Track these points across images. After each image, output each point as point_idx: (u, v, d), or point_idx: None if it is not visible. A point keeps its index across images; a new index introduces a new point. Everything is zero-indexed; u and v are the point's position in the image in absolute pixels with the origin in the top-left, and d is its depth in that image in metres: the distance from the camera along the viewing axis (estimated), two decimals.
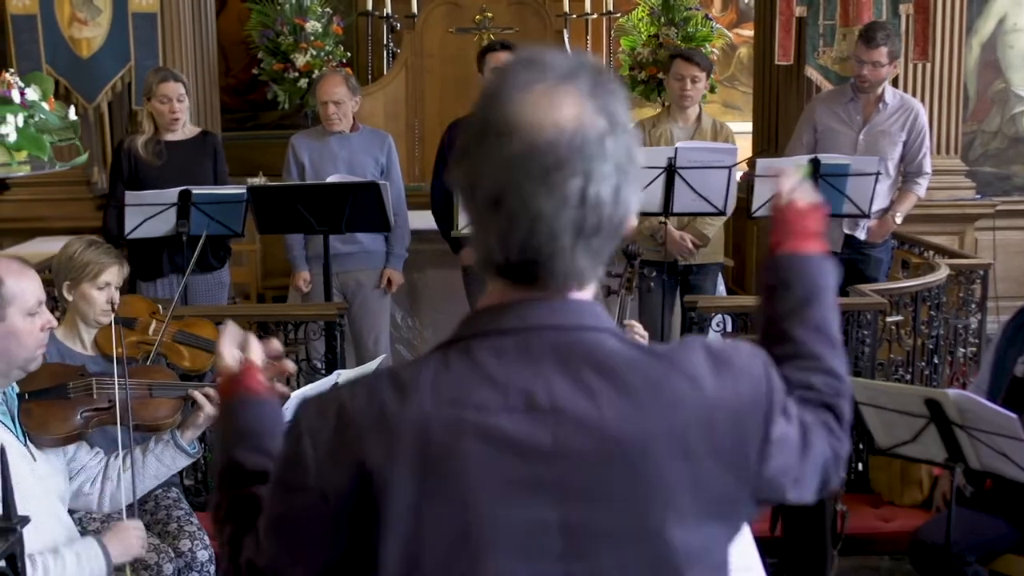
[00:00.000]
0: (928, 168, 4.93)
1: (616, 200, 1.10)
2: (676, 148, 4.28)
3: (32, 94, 3.11)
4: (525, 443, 1.09)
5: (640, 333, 2.89)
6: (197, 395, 2.85)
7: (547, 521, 1.10)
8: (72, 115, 3.36)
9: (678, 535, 1.11)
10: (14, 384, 2.55)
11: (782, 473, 1.19)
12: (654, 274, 3.82)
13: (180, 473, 4.10)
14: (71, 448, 2.70)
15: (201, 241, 4.07)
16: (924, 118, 4.94)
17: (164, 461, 2.81)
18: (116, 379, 2.71)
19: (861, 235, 4.88)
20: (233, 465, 1.34)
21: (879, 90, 4.84)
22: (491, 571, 1.10)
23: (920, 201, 5.04)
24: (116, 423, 2.69)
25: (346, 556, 1.13)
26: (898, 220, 4.89)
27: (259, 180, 6.00)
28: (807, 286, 1.36)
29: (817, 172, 4.35)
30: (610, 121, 1.10)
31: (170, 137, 4.65)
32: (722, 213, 4.40)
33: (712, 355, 1.16)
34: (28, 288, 2.41)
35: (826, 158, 4.43)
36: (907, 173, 4.84)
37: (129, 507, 2.71)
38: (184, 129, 4.71)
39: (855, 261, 4.87)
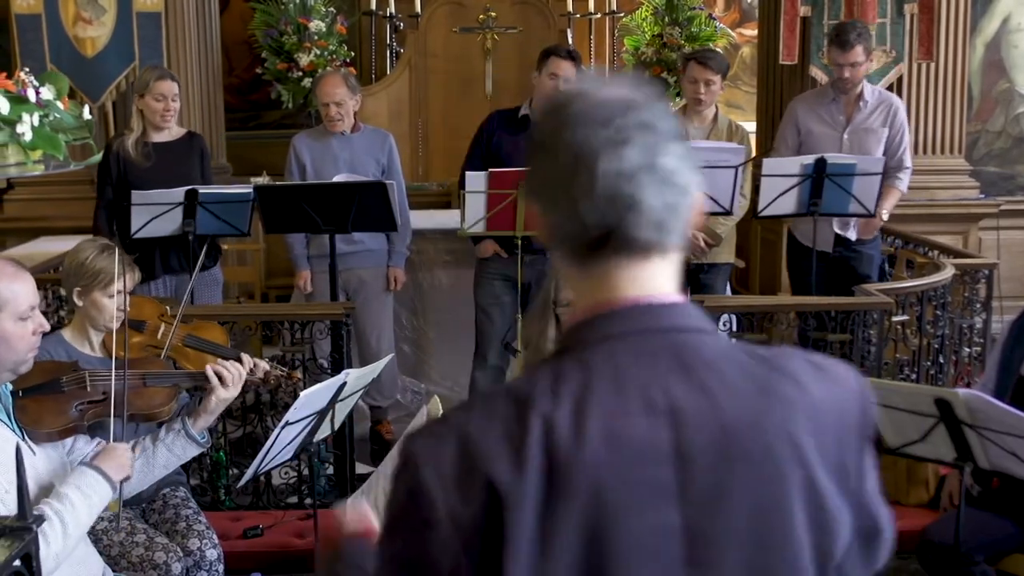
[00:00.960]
0: (908, 162, 4.93)
1: (681, 172, 1.12)
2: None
3: (47, 93, 3.11)
4: (646, 446, 1.08)
5: None
6: (210, 371, 2.84)
7: (672, 526, 1.08)
8: (87, 114, 3.36)
9: (798, 544, 1.10)
10: (7, 383, 2.55)
11: (876, 497, 1.17)
12: None
13: (187, 472, 4.13)
14: (69, 441, 2.70)
15: (204, 246, 4.07)
16: (903, 112, 4.95)
17: (175, 451, 2.81)
18: (112, 371, 2.71)
19: (852, 235, 4.89)
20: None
21: (858, 89, 4.84)
22: None
23: (904, 196, 5.03)
24: (111, 414, 2.69)
25: None
26: (884, 216, 4.87)
27: (263, 180, 6.02)
28: None
29: (824, 172, 4.36)
30: (663, 104, 1.14)
31: (157, 138, 4.67)
32: (728, 212, 4.40)
33: (811, 362, 1.16)
34: (21, 292, 2.40)
35: (832, 158, 4.44)
36: (888, 168, 4.83)
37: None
38: (172, 130, 4.73)
39: (847, 259, 4.89)
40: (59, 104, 3.19)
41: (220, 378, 2.86)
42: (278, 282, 6.58)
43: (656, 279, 1.15)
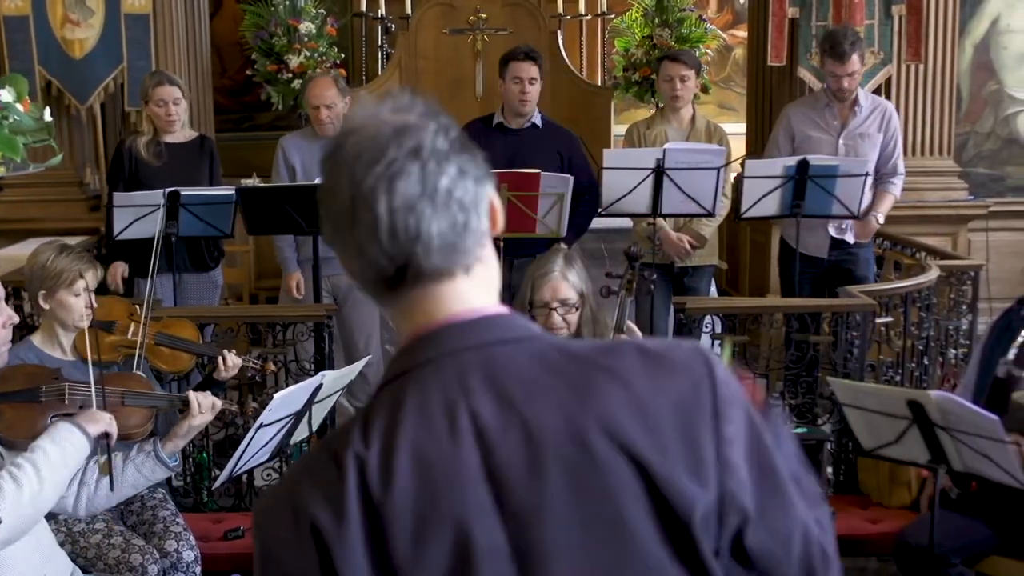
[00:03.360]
0: (902, 168, 4.93)
1: (463, 189, 1.10)
2: (664, 149, 4.28)
3: (6, 96, 3.11)
4: (457, 470, 1.07)
5: (632, 329, 2.90)
6: (192, 398, 2.84)
7: (497, 547, 1.06)
8: (47, 116, 3.36)
9: (641, 531, 1.07)
10: None
11: (742, 488, 1.10)
12: (654, 276, 3.83)
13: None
14: None
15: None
16: (896, 118, 4.96)
17: (143, 472, 2.80)
18: (91, 385, 2.70)
19: (850, 238, 4.88)
20: None
21: (853, 94, 4.84)
22: None
23: (898, 201, 5.04)
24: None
25: None
26: (880, 220, 4.88)
27: (254, 181, 6.01)
28: None
29: (806, 174, 4.36)
30: (434, 121, 1.11)
31: (169, 139, 4.72)
32: (710, 214, 4.41)
33: (645, 354, 1.12)
34: None
35: (815, 159, 4.43)
36: (882, 174, 4.84)
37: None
38: (183, 132, 4.76)
39: (843, 262, 4.89)
40: (19, 107, 3.19)
41: (201, 407, 2.86)
42: (268, 283, 6.58)
43: (463, 297, 1.14)
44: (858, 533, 3.84)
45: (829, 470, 4.20)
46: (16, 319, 2.54)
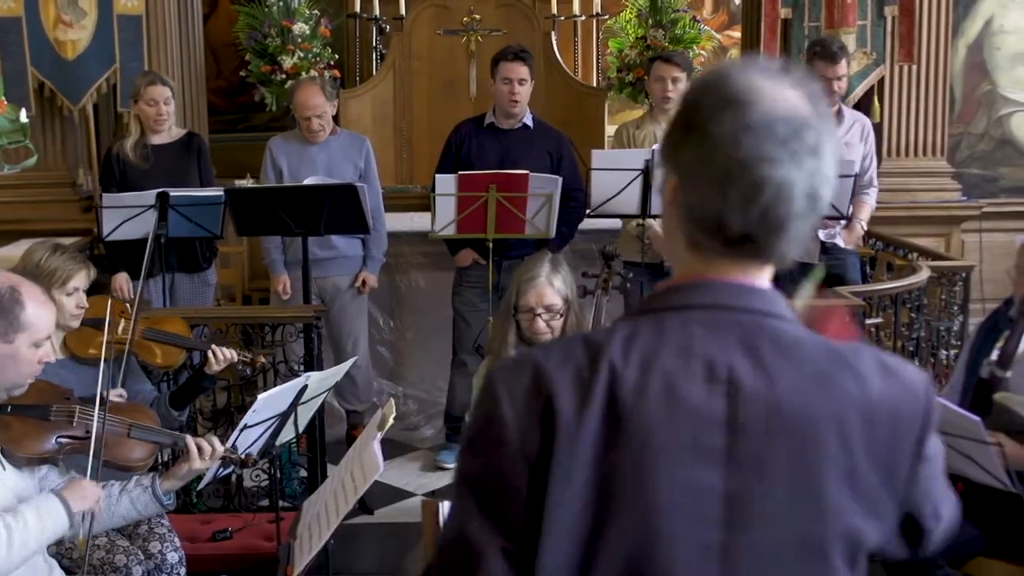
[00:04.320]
0: (876, 181, 5.08)
1: (827, 194, 1.19)
2: (653, 150, 4.28)
3: None
4: (702, 410, 1.16)
5: None
6: (190, 443, 2.81)
7: (713, 487, 1.16)
8: (23, 118, 3.36)
9: (831, 520, 1.17)
10: None
11: (926, 496, 1.26)
12: (631, 275, 3.83)
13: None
14: (44, 468, 2.71)
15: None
16: (873, 132, 5.09)
17: (137, 506, 2.77)
18: (96, 413, 2.68)
19: (840, 242, 4.92)
20: None
21: (836, 105, 4.91)
22: (658, 527, 1.15)
23: (888, 205, 5.15)
24: (88, 453, 2.67)
25: (527, 511, 1.17)
26: (864, 226, 5.02)
27: (247, 182, 6.02)
28: None
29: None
30: (828, 121, 1.19)
31: (156, 140, 4.75)
32: None
33: (881, 362, 1.22)
34: (44, 319, 2.44)
35: None
36: (859, 185, 4.89)
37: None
38: (170, 131, 4.78)
39: (834, 266, 4.92)
40: None
41: (201, 451, 2.83)
42: (262, 284, 6.56)
43: (754, 272, 1.22)
44: None
45: None
46: (52, 359, 2.56)
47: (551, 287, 3.03)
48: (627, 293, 4.80)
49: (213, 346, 3.29)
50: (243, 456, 2.96)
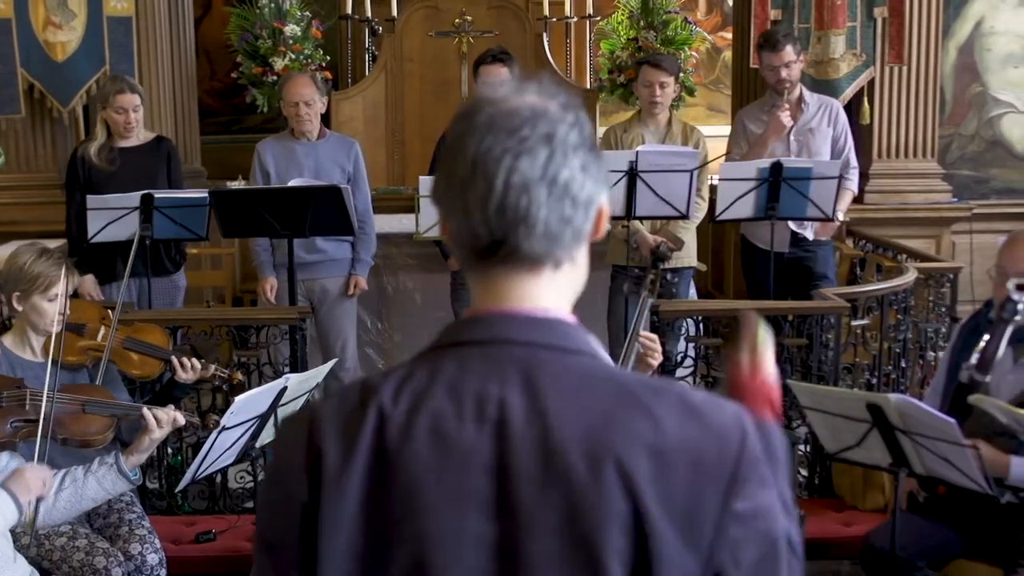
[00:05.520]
0: (854, 162, 4.99)
1: (580, 185, 1.13)
2: (637, 152, 4.29)
3: None
4: (470, 453, 1.09)
5: (654, 347, 2.75)
6: (148, 415, 2.85)
7: (483, 536, 1.08)
8: None
9: (610, 569, 1.06)
10: None
11: (735, 564, 1.09)
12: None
13: (144, 475, 4.12)
14: (4, 457, 2.72)
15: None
16: (844, 113, 5.04)
17: (104, 485, 2.82)
18: (52, 391, 2.72)
19: (809, 235, 4.91)
20: None
21: (796, 91, 4.90)
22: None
23: (876, 200, 5.10)
24: (45, 435, 2.70)
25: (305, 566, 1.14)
26: (840, 217, 4.94)
27: (239, 183, 6.02)
28: None
29: (780, 176, 4.36)
30: (573, 114, 1.14)
31: (124, 143, 4.73)
32: (684, 216, 4.40)
33: (687, 403, 1.11)
34: None
35: (788, 162, 4.44)
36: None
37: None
38: (139, 135, 4.76)
39: (803, 259, 4.93)
40: None
41: (159, 422, 2.88)
42: (253, 286, 6.56)
43: (540, 294, 1.16)
44: (831, 536, 3.84)
45: (804, 472, 4.20)
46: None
47: None
48: (614, 295, 4.81)
49: (183, 357, 3.30)
50: (200, 419, 3.04)
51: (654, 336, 2.79)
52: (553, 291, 1.16)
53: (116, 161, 4.67)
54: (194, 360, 3.26)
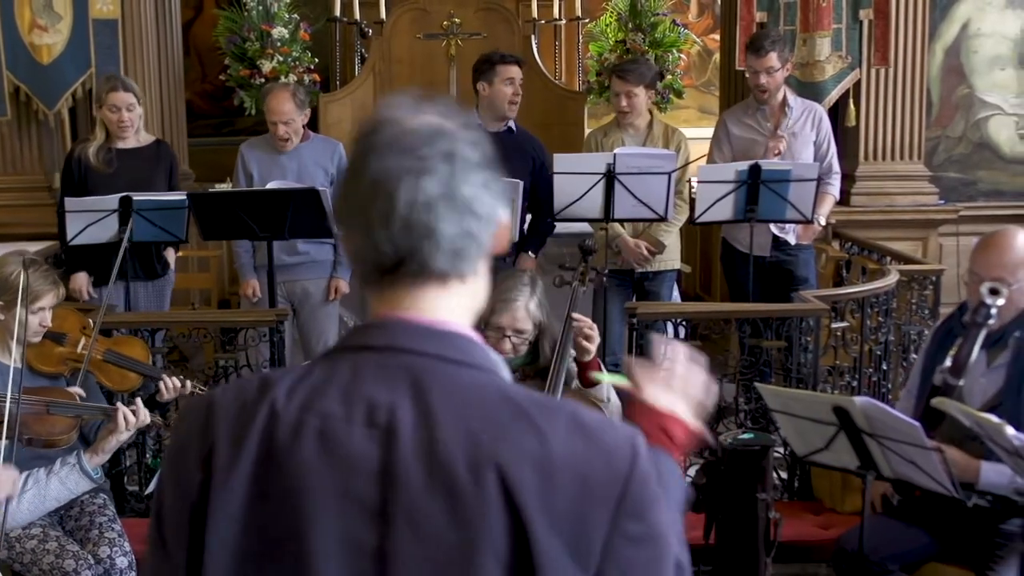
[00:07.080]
0: (837, 167, 4.99)
1: (482, 201, 1.15)
2: (615, 154, 4.29)
3: None
4: (357, 457, 1.10)
5: (588, 326, 2.91)
6: (120, 414, 2.86)
7: (364, 543, 1.09)
8: None
9: None
10: None
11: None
12: (606, 271, 3.84)
13: (122, 478, 4.13)
14: None
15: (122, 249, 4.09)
16: (827, 118, 5.03)
17: (67, 484, 2.83)
18: (16, 394, 2.73)
19: (791, 239, 4.90)
20: None
21: (780, 96, 4.89)
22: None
23: (862, 203, 5.09)
24: (10, 438, 2.71)
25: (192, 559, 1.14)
26: (821, 221, 4.93)
27: (227, 186, 6.02)
28: None
29: (759, 178, 4.36)
30: (472, 133, 1.17)
31: (122, 145, 4.71)
32: (663, 219, 4.41)
33: (577, 423, 1.12)
34: None
35: (767, 164, 4.44)
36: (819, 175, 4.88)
37: None
38: (138, 137, 4.76)
39: (784, 262, 4.93)
40: None
41: (128, 422, 2.90)
42: (239, 288, 6.57)
43: (442, 305, 1.18)
44: (808, 539, 3.83)
45: (783, 474, 4.19)
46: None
47: (526, 312, 3.03)
48: (597, 290, 4.81)
49: (164, 376, 3.31)
50: (164, 420, 3.06)
51: (587, 319, 2.92)
52: (455, 303, 1.18)
53: (113, 163, 4.66)
54: (175, 379, 3.27)
